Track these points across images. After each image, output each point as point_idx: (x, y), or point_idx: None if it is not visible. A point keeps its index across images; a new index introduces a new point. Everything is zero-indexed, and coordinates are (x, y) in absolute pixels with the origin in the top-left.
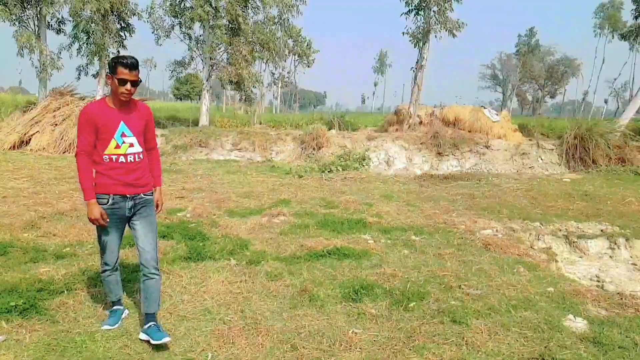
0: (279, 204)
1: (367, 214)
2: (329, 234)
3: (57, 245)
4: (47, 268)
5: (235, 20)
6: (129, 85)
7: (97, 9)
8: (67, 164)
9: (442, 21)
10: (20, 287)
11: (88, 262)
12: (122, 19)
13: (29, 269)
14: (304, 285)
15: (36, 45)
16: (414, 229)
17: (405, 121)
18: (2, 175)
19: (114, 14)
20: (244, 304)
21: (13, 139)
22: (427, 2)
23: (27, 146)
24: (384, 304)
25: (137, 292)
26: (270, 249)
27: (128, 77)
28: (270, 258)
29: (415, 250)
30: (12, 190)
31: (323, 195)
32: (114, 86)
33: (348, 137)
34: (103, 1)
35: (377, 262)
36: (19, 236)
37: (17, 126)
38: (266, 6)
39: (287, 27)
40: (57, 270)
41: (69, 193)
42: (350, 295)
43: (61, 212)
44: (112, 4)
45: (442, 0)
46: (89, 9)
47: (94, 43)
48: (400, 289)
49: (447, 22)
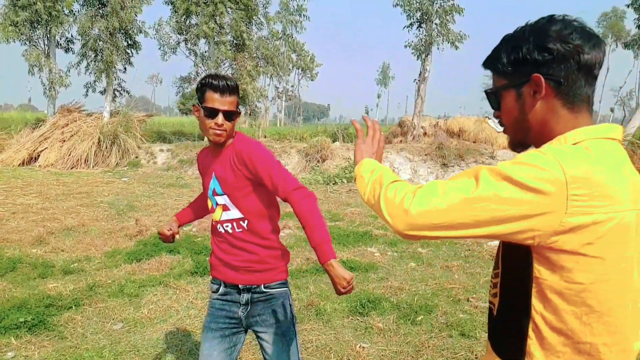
0: (285, 217)
1: (373, 227)
2: (335, 247)
3: (65, 260)
4: (56, 284)
5: (240, 36)
6: (220, 118)
7: (105, 27)
8: (74, 179)
9: (444, 33)
10: (29, 303)
11: (96, 278)
12: (129, 37)
13: (37, 285)
14: (310, 300)
15: (45, 63)
16: (420, 241)
17: (409, 132)
18: (12, 192)
19: (121, 31)
20: None
21: (22, 155)
22: (429, 15)
23: (36, 162)
24: (392, 317)
25: (142, 307)
26: None
27: (219, 106)
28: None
29: (422, 262)
30: (21, 206)
31: (328, 208)
32: (202, 119)
33: (352, 149)
34: (112, 20)
35: (383, 275)
36: (28, 252)
37: (26, 143)
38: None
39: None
40: (65, 286)
41: (77, 209)
42: (357, 309)
43: (69, 228)
44: (120, 22)
45: (444, 13)
46: (98, 28)
47: (102, 60)
48: (407, 302)
49: (449, 34)
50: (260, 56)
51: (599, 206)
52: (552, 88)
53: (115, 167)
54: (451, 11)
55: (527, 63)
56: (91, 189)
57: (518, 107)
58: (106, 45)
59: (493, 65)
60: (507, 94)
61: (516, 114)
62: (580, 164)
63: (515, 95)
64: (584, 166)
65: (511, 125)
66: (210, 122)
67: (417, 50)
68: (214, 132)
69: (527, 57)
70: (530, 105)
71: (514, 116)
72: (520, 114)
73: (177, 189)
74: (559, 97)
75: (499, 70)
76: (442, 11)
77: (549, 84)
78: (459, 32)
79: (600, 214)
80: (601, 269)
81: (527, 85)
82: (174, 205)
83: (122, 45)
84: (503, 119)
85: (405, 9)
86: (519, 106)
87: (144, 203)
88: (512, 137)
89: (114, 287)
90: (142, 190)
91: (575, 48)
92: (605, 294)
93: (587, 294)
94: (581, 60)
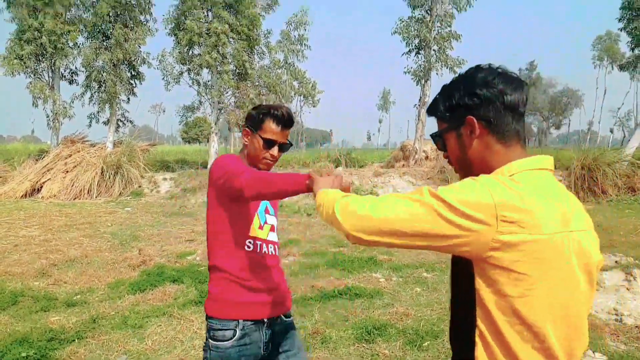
0: (288, 244)
1: (377, 252)
2: (340, 273)
3: (67, 293)
4: (58, 317)
5: (242, 65)
6: (276, 150)
7: (109, 59)
8: (77, 210)
9: (442, 59)
10: (31, 337)
11: (99, 309)
12: (133, 68)
13: (39, 318)
14: (315, 327)
15: (49, 95)
16: (425, 266)
17: (411, 157)
18: (14, 224)
19: (125, 63)
20: None
21: (25, 187)
22: (427, 42)
23: (39, 194)
24: (398, 343)
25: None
26: None
27: (278, 139)
28: None
29: (427, 287)
30: (24, 238)
31: (332, 234)
32: (256, 148)
33: (355, 174)
34: (115, 52)
35: (389, 301)
36: (30, 285)
37: (29, 174)
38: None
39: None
40: (68, 319)
41: (80, 240)
42: (363, 336)
43: (72, 259)
44: (124, 54)
45: (442, 39)
46: (102, 60)
47: (105, 91)
48: (413, 328)
49: (448, 59)
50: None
51: (526, 228)
52: (485, 127)
53: (118, 196)
54: (449, 37)
55: (460, 107)
56: (94, 219)
57: (459, 147)
58: (110, 77)
59: (434, 112)
60: (449, 135)
61: (458, 152)
62: (508, 192)
63: (455, 136)
64: (512, 195)
65: (457, 163)
66: (265, 152)
67: (416, 76)
68: (267, 162)
69: (460, 103)
70: (469, 144)
71: (457, 155)
72: (462, 152)
73: (181, 217)
74: (492, 135)
75: (439, 116)
76: (440, 38)
77: (481, 123)
78: (456, 58)
79: (526, 235)
80: (527, 284)
81: (464, 127)
82: (177, 234)
83: (126, 76)
84: (450, 158)
85: (403, 36)
86: (460, 145)
87: (147, 233)
88: (461, 174)
89: (117, 319)
90: (145, 220)
91: (499, 91)
92: (532, 307)
93: (517, 306)
94: (505, 101)
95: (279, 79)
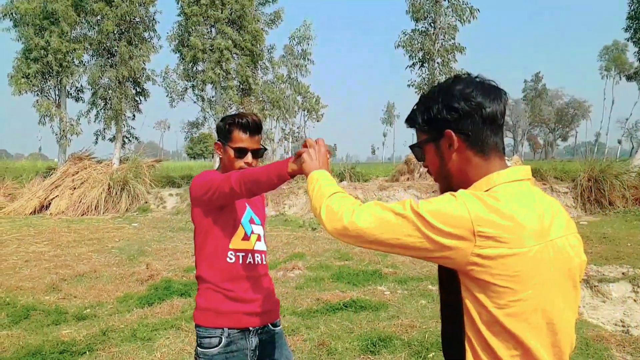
0: (294, 258)
1: (382, 265)
2: (345, 286)
3: (77, 307)
4: (69, 330)
5: (246, 81)
6: (250, 157)
7: (114, 76)
8: (85, 226)
9: (446, 72)
10: (43, 350)
11: (109, 323)
12: (138, 85)
13: (51, 332)
14: (321, 340)
15: (56, 113)
16: (430, 279)
17: (415, 170)
18: (24, 240)
19: (130, 80)
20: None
21: (34, 204)
22: (431, 55)
23: (47, 210)
24: (403, 355)
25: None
26: (286, 304)
27: (249, 145)
28: (287, 313)
29: (432, 300)
30: (34, 254)
31: (337, 247)
32: (230, 159)
33: (360, 188)
34: (121, 69)
35: (394, 314)
36: (41, 299)
37: (37, 191)
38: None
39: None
40: (79, 332)
41: (88, 255)
42: (368, 348)
43: (81, 274)
44: (129, 71)
45: (446, 52)
46: (107, 77)
47: (111, 109)
48: (418, 340)
49: (452, 72)
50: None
51: (504, 243)
52: (463, 141)
53: (125, 212)
54: (452, 50)
55: (438, 121)
56: (102, 235)
57: (438, 158)
58: (115, 94)
59: (412, 124)
60: (428, 147)
61: (437, 164)
62: (486, 207)
63: (434, 148)
64: (490, 210)
65: (436, 174)
66: (239, 161)
67: (420, 89)
68: None
69: (438, 116)
70: (448, 157)
71: (436, 166)
72: (441, 164)
73: (187, 232)
74: (471, 148)
75: (418, 128)
76: (444, 50)
77: (460, 137)
78: (460, 70)
79: (505, 249)
80: (508, 297)
81: (443, 139)
82: (184, 249)
83: (131, 93)
84: (429, 168)
85: (407, 49)
86: (439, 157)
87: (154, 247)
88: (440, 185)
89: (126, 332)
90: (152, 235)
91: (477, 104)
92: (514, 319)
93: (499, 318)
94: (484, 114)
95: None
